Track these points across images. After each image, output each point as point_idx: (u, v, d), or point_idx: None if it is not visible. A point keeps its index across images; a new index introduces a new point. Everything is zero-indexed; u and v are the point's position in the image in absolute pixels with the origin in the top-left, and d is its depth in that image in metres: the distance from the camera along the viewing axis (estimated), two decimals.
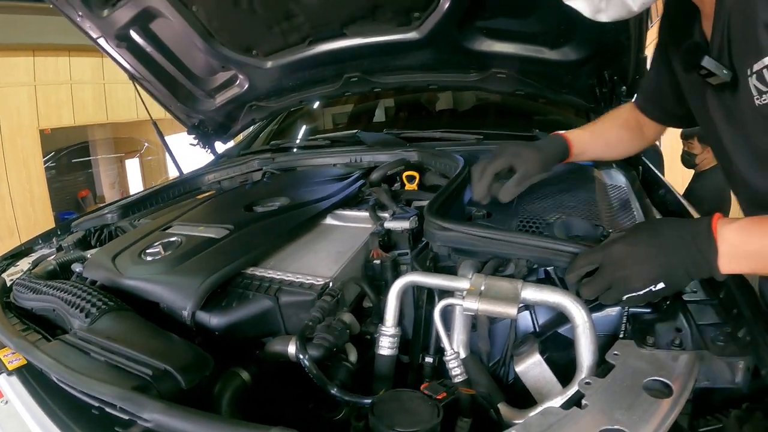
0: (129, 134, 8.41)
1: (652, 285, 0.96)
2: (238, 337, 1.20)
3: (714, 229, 0.93)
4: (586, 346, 0.96)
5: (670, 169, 4.82)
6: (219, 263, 1.29)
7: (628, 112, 1.61)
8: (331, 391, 1.00)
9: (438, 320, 1.08)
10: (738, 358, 0.89)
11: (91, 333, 1.10)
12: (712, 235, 0.92)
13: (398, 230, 1.42)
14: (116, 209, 2.07)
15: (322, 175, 2.17)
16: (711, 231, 0.92)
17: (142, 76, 2.58)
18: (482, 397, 1.06)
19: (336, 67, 2.43)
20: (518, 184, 1.38)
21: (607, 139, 1.60)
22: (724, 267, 0.92)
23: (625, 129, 1.60)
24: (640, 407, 0.77)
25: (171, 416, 0.81)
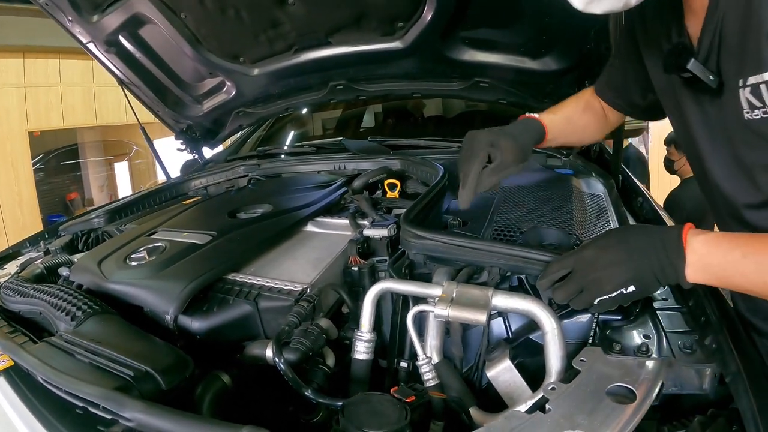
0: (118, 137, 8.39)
1: (623, 288, 0.96)
2: (219, 340, 1.22)
3: (684, 237, 0.93)
4: (554, 352, 0.98)
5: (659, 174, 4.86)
6: (201, 269, 1.32)
7: (591, 97, 1.58)
8: (305, 393, 1.03)
9: (411, 326, 1.10)
10: (705, 366, 0.91)
11: (77, 335, 1.12)
12: (682, 243, 0.93)
13: (377, 238, 1.44)
14: (103, 214, 2.08)
15: (305, 182, 2.19)
16: (680, 239, 0.93)
17: (130, 81, 2.61)
18: (454, 402, 1.08)
19: (321, 75, 2.46)
20: (494, 174, 1.29)
21: (576, 125, 1.56)
22: (690, 276, 0.93)
23: (591, 114, 1.57)
24: (603, 412, 0.78)
25: (150, 415, 0.84)
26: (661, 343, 1.00)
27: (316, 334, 1.14)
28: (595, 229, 1.46)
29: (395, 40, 2.12)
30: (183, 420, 0.83)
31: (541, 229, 1.42)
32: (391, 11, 2.01)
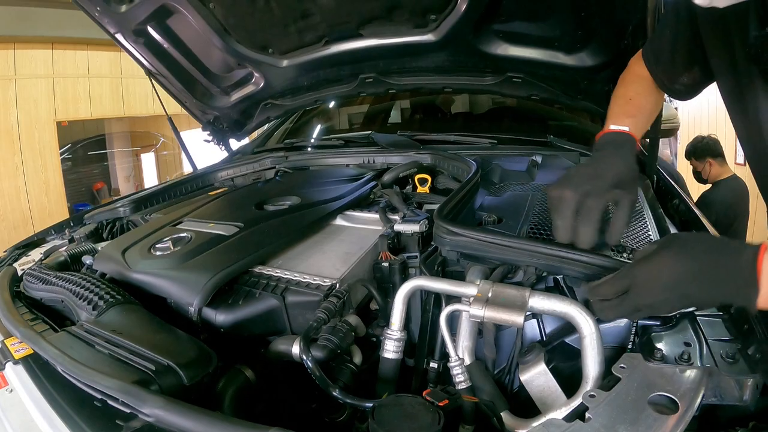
0: (145, 129, 8.49)
1: (680, 310, 0.94)
2: (244, 334, 1.21)
3: (759, 263, 0.81)
4: (592, 357, 0.94)
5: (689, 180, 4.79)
6: (227, 260, 1.30)
7: (645, 72, 1.42)
8: (332, 393, 1.00)
9: (444, 326, 1.07)
10: (747, 376, 0.87)
11: (98, 325, 1.11)
12: (755, 272, 0.81)
13: (408, 233, 1.42)
14: (129, 203, 2.08)
15: (334, 175, 2.17)
16: (755, 267, 0.81)
17: (158, 71, 2.59)
18: (485, 405, 1.04)
19: (352, 68, 2.43)
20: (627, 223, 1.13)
21: (645, 115, 1.39)
22: (762, 304, 0.82)
23: (654, 95, 1.42)
24: (644, 423, 0.75)
25: (170, 412, 0.82)
26: (702, 351, 0.96)
27: (345, 332, 1.12)
28: (633, 232, 1.40)
29: (428, 32, 2.08)
30: (204, 418, 0.81)
31: None
32: (424, 3, 1.97)
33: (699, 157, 4.51)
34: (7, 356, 1.12)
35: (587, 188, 1.10)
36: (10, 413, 0.99)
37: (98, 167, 8.19)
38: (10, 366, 1.10)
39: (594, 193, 1.10)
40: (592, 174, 1.14)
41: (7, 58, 5.87)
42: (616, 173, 1.13)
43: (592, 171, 1.15)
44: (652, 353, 0.93)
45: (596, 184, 1.11)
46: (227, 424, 0.79)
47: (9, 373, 1.09)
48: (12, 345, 1.15)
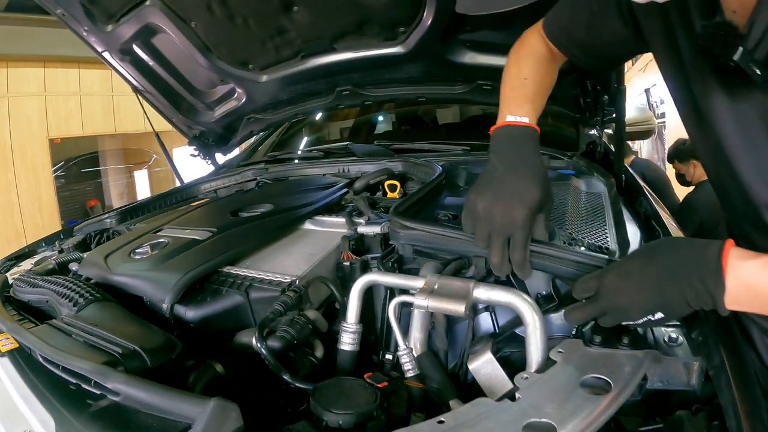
0: (138, 145, 8.55)
1: (650, 315, 0.88)
2: (212, 329, 1.26)
3: (724, 260, 0.81)
4: (535, 345, 0.96)
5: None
6: (198, 261, 1.36)
7: (545, 49, 1.34)
8: (282, 377, 1.06)
9: (392, 315, 1.12)
10: (690, 358, 0.90)
11: (77, 319, 1.19)
12: (721, 269, 0.81)
13: (371, 235, 1.47)
14: (115, 215, 2.15)
15: (309, 184, 2.22)
16: (720, 264, 0.81)
17: (145, 88, 2.67)
18: (434, 393, 1.09)
19: (328, 81, 2.50)
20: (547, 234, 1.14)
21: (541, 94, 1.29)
22: (730, 303, 0.81)
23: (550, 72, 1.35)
24: (574, 402, 0.78)
25: (130, 386, 0.89)
26: (646, 335, 0.98)
27: (302, 324, 1.17)
28: (589, 226, 1.46)
29: (397, 44, 2.16)
30: (158, 391, 0.87)
31: None
32: (392, 17, 2.04)
33: (683, 160, 4.53)
34: None
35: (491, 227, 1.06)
36: None
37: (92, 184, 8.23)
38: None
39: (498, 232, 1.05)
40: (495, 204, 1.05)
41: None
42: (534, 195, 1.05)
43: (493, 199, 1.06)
44: (592, 339, 0.95)
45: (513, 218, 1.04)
46: (175, 395, 0.86)
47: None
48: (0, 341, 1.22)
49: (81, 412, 0.94)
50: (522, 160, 1.11)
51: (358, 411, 0.88)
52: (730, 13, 0.92)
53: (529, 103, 1.22)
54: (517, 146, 1.15)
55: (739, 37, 0.86)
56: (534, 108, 1.22)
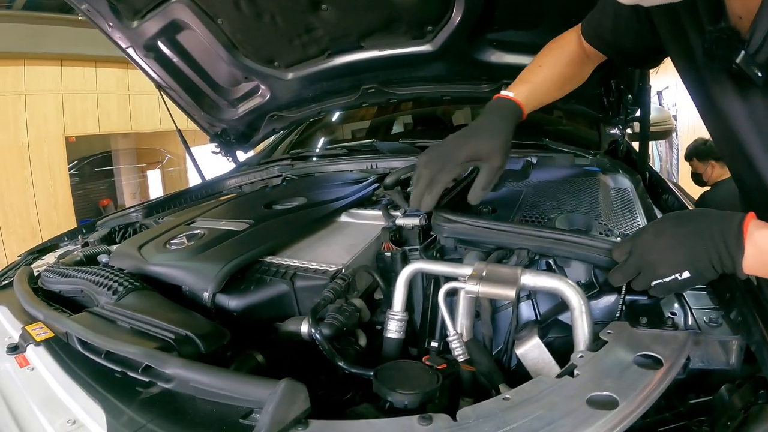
0: (151, 145, 8.57)
1: (678, 273, 0.94)
2: (255, 318, 1.26)
3: (745, 227, 0.90)
4: (581, 328, 1.00)
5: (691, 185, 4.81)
6: (239, 251, 1.36)
7: (575, 46, 1.45)
8: (338, 363, 1.06)
9: (442, 302, 1.13)
10: (731, 337, 0.93)
11: (119, 306, 1.18)
12: (742, 233, 0.90)
13: (409, 227, 1.48)
14: (141, 209, 2.17)
15: (338, 179, 2.24)
16: (741, 229, 0.90)
17: (168, 85, 2.68)
18: (483, 376, 1.10)
19: (353, 79, 2.51)
20: (486, 187, 1.28)
21: (553, 83, 1.45)
22: (747, 268, 0.90)
23: (572, 65, 1.47)
24: (630, 377, 0.80)
25: (191, 370, 0.89)
26: (687, 318, 1.01)
27: (350, 311, 1.18)
28: (622, 220, 1.48)
29: (425, 43, 2.17)
30: (222, 374, 0.88)
31: (569, 216, 1.45)
32: (420, 15, 2.06)
33: (702, 159, 4.52)
34: (28, 340, 1.16)
35: (439, 165, 1.26)
36: (32, 389, 1.02)
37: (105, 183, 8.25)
38: (32, 348, 1.14)
39: (443, 170, 1.25)
40: (451, 147, 1.27)
41: (17, 74, 6.01)
42: (475, 145, 1.25)
43: (453, 144, 1.28)
44: (638, 320, 0.98)
45: (449, 159, 1.26)
46: (243, 378, 0.86)
47: (30, 354, 1.13)
48: (33, 330, 1.20)
49: (130, 399, 0.91)
50: (485, 120, 1.32)
51: (423, 391, 0.89)
52: (736, 18, 0.99)
53: (526, 83, 1.40)
54: (490, 112, 1.35)
55: (742, 42, 0.93)
56: (532, 89, 1.38)
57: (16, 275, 1.55)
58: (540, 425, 0.72)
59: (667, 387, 0.80)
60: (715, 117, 1.16)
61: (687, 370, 0.93)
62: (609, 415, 0.72)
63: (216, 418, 0.84)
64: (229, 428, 0.81)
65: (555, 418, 0.73)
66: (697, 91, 1.20)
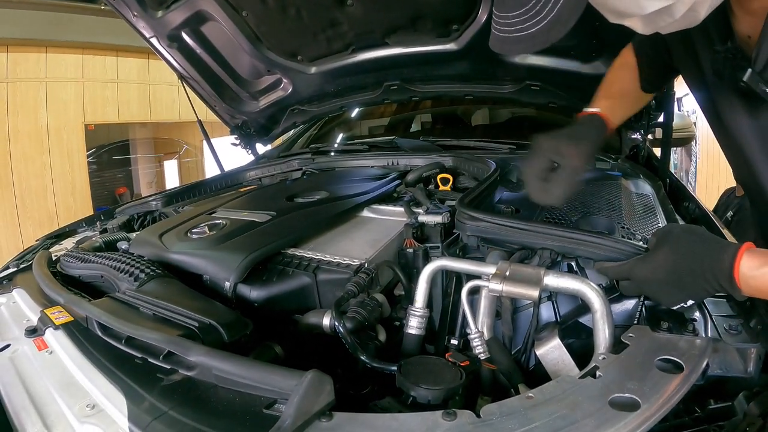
0: (169, 136, 8.59)
1: (680, 304, 1.02)
2: (276, 310, 1.26)
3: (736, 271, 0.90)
4: (603, 330, 1.00)
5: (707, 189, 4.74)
6: (261, 242, 1.37)
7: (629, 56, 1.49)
8: (361, 357, 1.06)
9: (465, 299, 1.13)
10: (749, 345, 0.93)
11: (141, 292, 1.19)
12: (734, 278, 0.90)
13: (431, 224, 1.48)
14: (161, 197, 2.17)
15: (359, 174, 2.24)
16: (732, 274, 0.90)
17: (190, 75, 2.70)
18: (503, 375, 1.10)
19: (377, 75, 2.52)
20: (564, 182, 1.22)
21: (632, 96, 1.50)
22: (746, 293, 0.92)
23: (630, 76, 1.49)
24: (652, 380, 0.80)
25: (215, 358, 0.88)
26: (707, 325, 1.02)
27: (372, 306, 1.18)
28: (644, 224, 1.47)
29: (450, 41, 2.18)
30: (247, 363, 0.87)
31: (592, 218, 1.45)
32: (446, 13, 2.06)
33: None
34: (47, 323, 1.16)
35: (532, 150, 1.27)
36: (50, 372, 1.01)
37: (122, 172, 8.23)
38: (50, 331, 1.13)
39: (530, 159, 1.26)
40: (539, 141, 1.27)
41: (38, 61, 6.02)
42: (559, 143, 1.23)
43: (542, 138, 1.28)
44: (659, 325, 0.99)
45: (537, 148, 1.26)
46: (268, 368, 0.85)
47: (49, 337, 1.12)
48: (52, 314, 1.19)
49: (152, 385, 0.90)
50: (573, 127, 1.33)
51: (447, 387, 0.90)
52: (744, 38, 1.03)
53: (608, 99, 1.43)
54: (577, 123, 1.36)
55: (748, 60, 0.98)
56: (611, 105, 1.40)
57: (35, 259, 1.55)
58: (563, 424, 0.72)
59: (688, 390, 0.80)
60: (723, 131, 1.21)
61: (705, 377, 0.93)
62: (631, 417, 0.72)
63: (239, 407, 0.83)
64: (252, 417, 0.81)
65: (578, 418, 0.73)
66: (706, 107, 1.26)
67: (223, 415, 0.83)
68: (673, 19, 0.90)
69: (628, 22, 0.97)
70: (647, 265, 1.02)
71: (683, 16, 0.90)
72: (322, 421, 0.76)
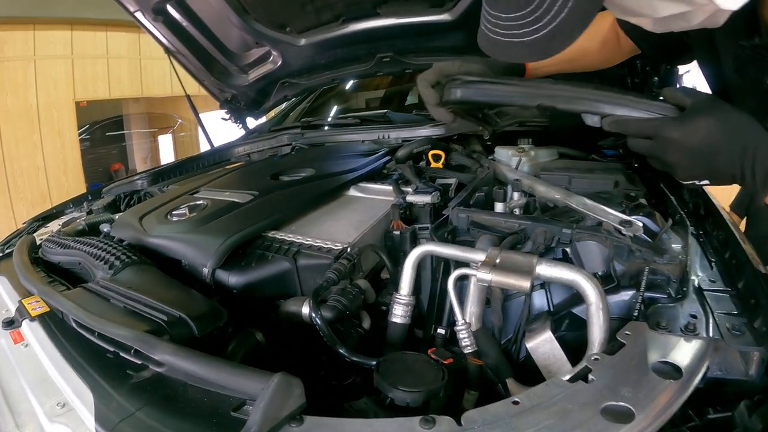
0: (163, 110, 8.51)
1: (696, 180, 0.95)
2: (255, 296, 1.22)
3: None
4: (597, 325, 0.94)
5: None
6: (241, 225, 1.32)
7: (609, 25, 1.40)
8: (339, 351, 1.01)
9: (451, 289, 1.08)
10: (752, 348, 0.87)
11: (113, 283, 1.14)
12: None
13: (420, 204, 1.43)
14: (146, 176, 2.14)
15: (348, 150, 2.18)
16: None
17: (177, 50, 2.60)
18: (490, 370, 1.05)
19: (368, 47, 2.44)
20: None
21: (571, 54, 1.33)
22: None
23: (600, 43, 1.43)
24: (648, 386, 0.75)
25: (180, 357, 0.84)
26: (708, 323, 0.95)
27: (355, 294, 1.13)
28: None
29: (444, 12, 2.10)
30: (213, 364, 0.82)
31: None
32: None
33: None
34: (23, 314, 1.14)
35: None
36: (24, 367, 1.00)
37: (116, 148, 8.21)
38: (27, 323, 1.12)
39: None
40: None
41: (26, 39, 5.94)
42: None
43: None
44: (658, 323, 0.93)
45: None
46: (234, 369, 0.81)
47: (25, 329, 1.11)
48: (29, 304, 1.17)
49: (121, 383, 0.88)
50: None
51: (427, 389, 0.84)
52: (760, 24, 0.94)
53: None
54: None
55: None
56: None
57: (17, 245, 1.51)
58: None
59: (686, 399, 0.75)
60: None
61: (705, 379, 0.86)
62: (624, 429, 0.67)
63: (207, 409, 0.80)
64: (219, 420, 0.77)
65: (567, 429, 0.68)
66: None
67: (190, 416, 0.80)
68: (689, 25, 0.83)
69: (636, 20, 0.90)
70: (682, 128, 0.93)
71: (701, 23, 0.83)
72: (292, 426, 0.72)
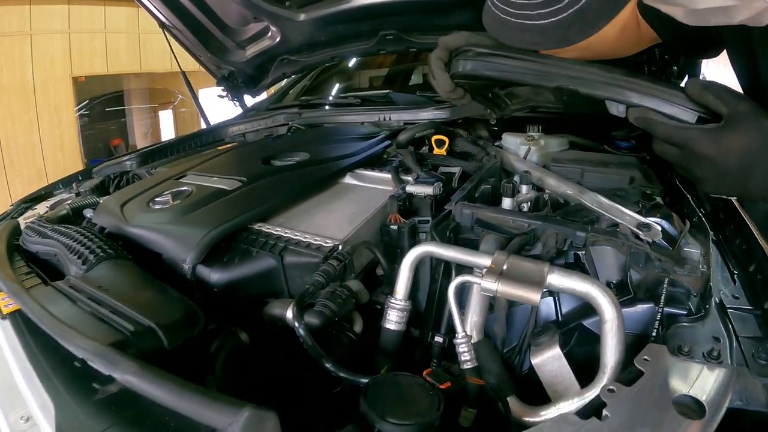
0: (164, 85, 8.48)
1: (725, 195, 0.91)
2: (239, 295, 1.15)
3: None
4: (612, 345, 0.85)
5: None
6: (225, 216, 1.25)
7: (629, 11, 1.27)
8: (325, 365, 0.93)
9: (452, 299, 0.98)
10: None
11: (85, 281, 1.07)
12: None
13: (420, 195, 1.34)
14: (136, 157, 2.07)
15: (347, 132, 2.10)
16: None
17: (172, 24, 2.52)
18: (491, 389, 0.96)
19: (372, 23, 2.33)
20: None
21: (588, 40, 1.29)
22: None
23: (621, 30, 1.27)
24: (668, 426, 0.67)
25: (142, 379, 0.75)
26: (731, 347, 0.86)
27: (344, 298, 1.05)
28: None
29: None
30: (178, 390, 0.73)
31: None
32: None
33: None
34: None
35: None
36: None
37: (116, 123, 8.18)
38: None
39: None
40: None
41: (22, 14, 5.89)
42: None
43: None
44: (679, 347, 0.84)
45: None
46: (201, 398, 0.72)
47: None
48: (3, 299, 1.11)
49: (86, 398, 0.82)
50: None
51: (420, 422, 0.74)
52: None
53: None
54: None
55: None
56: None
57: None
58: None
59: None
60: None
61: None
62: None
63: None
64: None
65: None
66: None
67: None
68: (730, 20, 0.73)
69: (667, 9, 0.79)
70: (717, 145, 0.83)
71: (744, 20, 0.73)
72: None
